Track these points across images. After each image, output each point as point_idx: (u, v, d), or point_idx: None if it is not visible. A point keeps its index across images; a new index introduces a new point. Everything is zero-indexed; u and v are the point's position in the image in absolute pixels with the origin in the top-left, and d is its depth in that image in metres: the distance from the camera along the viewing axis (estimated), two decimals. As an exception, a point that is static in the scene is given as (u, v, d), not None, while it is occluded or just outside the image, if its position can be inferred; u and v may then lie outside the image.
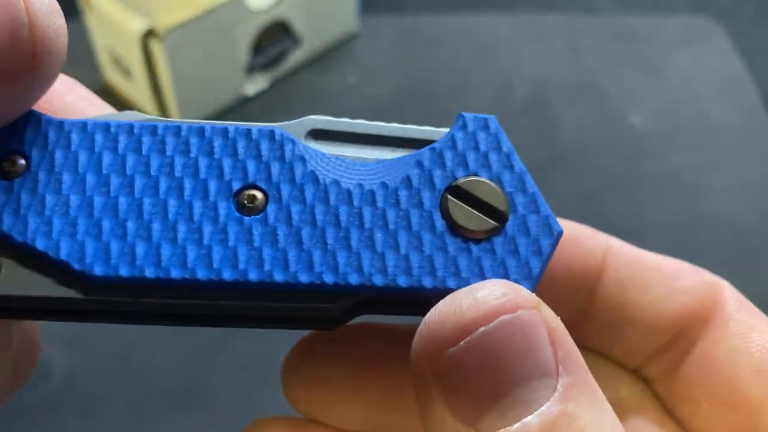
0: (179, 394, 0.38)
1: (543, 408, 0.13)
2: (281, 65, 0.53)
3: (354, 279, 0.15)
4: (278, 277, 0.15)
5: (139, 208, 0.15)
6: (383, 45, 0.57)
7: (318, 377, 0.20)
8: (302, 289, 0.15)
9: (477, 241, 0.15)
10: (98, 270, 0.15)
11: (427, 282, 0.15)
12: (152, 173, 0.15)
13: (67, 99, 0.18)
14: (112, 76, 0.52)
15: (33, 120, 0.16)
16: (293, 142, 0.16)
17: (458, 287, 0.15)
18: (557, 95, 0.53)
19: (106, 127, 0.16)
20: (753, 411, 0.18)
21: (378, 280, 0.15)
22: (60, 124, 0.16)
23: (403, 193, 0.16)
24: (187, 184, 0.15)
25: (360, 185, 0.16)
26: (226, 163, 0.15)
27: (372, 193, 0.16)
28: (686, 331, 0.19)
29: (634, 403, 0.20)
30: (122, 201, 0.15)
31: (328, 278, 0.15)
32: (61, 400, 0.38)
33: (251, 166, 0.16)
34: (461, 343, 0.14)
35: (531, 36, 0.57)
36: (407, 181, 0.16)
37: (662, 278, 0.20)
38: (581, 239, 0.20)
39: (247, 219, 0.15)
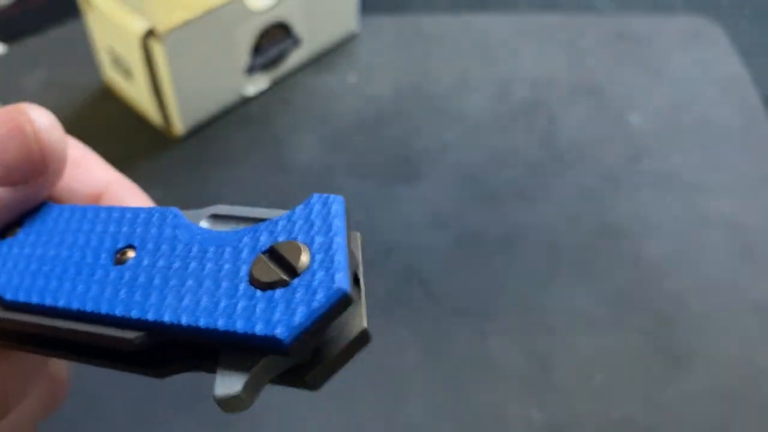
0: (182, 393, 0.38)
1: None
2: (281, 65, 0.53)
3: (151, 315, 0.17)
4: (103, 309, 0.18)
5: (54, 259, 0.20)
6: (383, 45, 0.57)
7: None
8: (114, 322, 0.18)
9: (263, 290, 0.16)
10: (8, 296, 0.19)
11: (202, 321, 0.16)
12: (79, 240, 0.20)
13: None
14: (113, 76, 0.52)
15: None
16: (176, 216, 0.19)
17: (226, 328, 0.16)
18: (556, 95, 0.53)
19: (68, 209, 0.21)
20: None
21: (168, 317, 0.17)
22: (47, 207, 0.21)
23: (227, 250, 0.18)
24: (93, 241, 0.20)
25: (202, 245, 0.18)
26: (124, 229, 0.19)
27: (206, 250, 0.18)
28: None
29: None
30: (49, 254, 0.20)
31: (134, 313, 0.17)
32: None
33: (138, 231, 0.19)
34: None
35: (531, 36, 0.57)
36: (237, 242, 0.18)
37: None
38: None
39: (110, 267, 0.19)
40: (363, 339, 0.17)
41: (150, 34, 0.45)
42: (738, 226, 0.45)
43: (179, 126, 0.49)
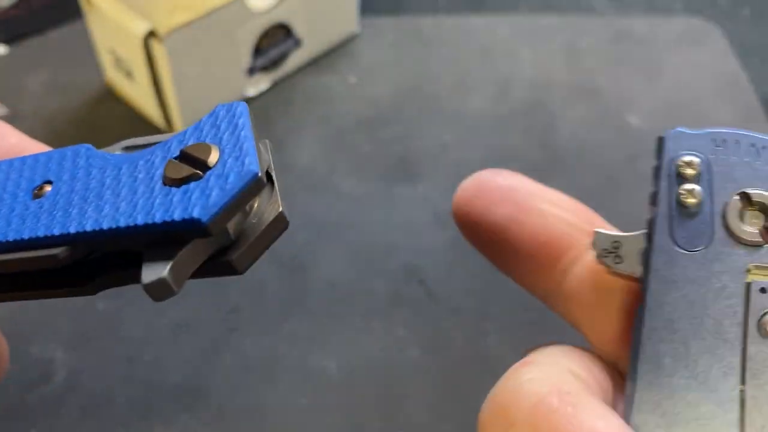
0: (183, 393, 0.38)
1: None
2: (282, 66, 0.53)
3: (73, 228, 0.18)
4: (26, 234, 0.18)
5: None
6: (383, 45, 0.57)
7: None
8: (38, 244, 0.18)
9: (178, 186, 0.17)
10: None
11: (122, 221, 0.17)
12: (8, 186, 0.20)
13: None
14: (114, 77, 0.52)
15: None
16: (89, 149, 0.19)
17: (145, 221, 0.17)
18: (556, 96, 0.53)
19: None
20: None
21: (89, 225, 0.17)
22: None
23: (140, 164, 0.18)
24: (9, 187, 0.20)
25: (116, 166, 0.19)
26: (39, 171, 0.20)
27: (119, 168, 0.19)
28: None
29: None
30: None
31: (56, 230, 0.18)
32: (63, 400, 0.38)
33: (53, 168, 0.20)
34: None
35: (530, 37, 0.58)
36: (150, 154, 0.18)
37: None
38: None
39: (29, 202, 0.19)
40: (280, 221, 0.18)
41: (151, 35, 0.45)
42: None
43: (180, 126, 0.50)
